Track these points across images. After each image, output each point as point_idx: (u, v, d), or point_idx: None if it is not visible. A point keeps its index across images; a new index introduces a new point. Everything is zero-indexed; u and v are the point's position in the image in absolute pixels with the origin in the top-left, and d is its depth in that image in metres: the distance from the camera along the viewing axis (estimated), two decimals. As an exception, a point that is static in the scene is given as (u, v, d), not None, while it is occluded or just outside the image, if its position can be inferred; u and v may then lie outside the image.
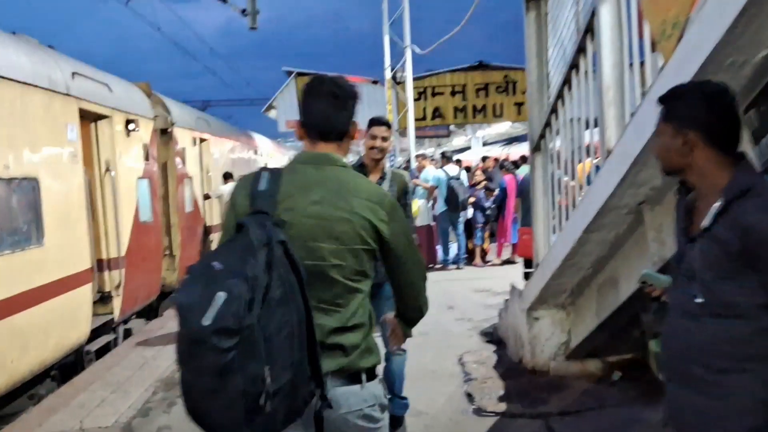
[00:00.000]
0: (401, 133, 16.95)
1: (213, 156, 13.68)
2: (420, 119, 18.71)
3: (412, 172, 12.55)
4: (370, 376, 2.21)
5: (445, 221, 11.89)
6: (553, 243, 5.34)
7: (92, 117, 7.89)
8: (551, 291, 5.26)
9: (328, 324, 2.11)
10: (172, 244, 10.95)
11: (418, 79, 17.85)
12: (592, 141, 4.83)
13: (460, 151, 34.11)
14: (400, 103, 15.97)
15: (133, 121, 8.75)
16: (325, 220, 2.13)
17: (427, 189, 11.60)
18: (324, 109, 2.25)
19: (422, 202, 11.31)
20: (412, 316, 2.48)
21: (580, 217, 4.37)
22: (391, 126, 4.64)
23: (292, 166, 2.28)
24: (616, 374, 5.39)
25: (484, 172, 13.54)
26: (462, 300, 8.96)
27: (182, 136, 11.42)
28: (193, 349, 1.86)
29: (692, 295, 2.05)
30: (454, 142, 36.84)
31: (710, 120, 2.05)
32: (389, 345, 4.07)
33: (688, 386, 2.09)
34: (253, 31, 16.02)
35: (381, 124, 4.37)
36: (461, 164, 14.75)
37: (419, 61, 15.16)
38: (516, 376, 5.61)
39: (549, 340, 5.52)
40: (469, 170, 15.12)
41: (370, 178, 4.28)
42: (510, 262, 11.71)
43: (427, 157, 13.48)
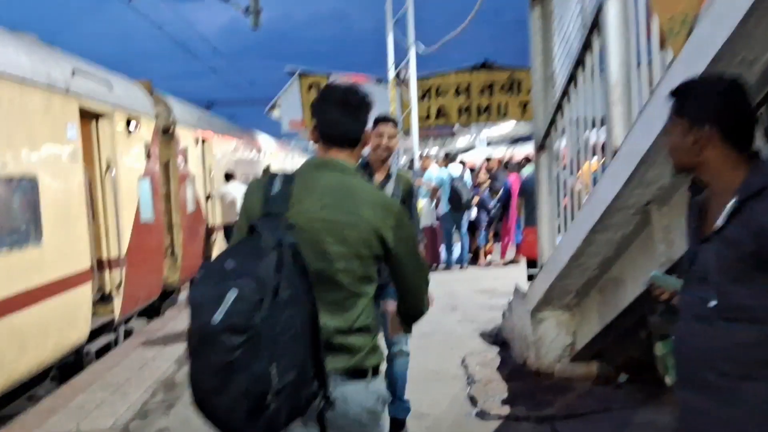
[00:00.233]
0: (405, 132, 16.88)
1: (216, 155, 13.61)
2: (424, 119, 18.61)
3: (415, 172, 12.47)
4: (375, 372, 2.28)
5: (449, 221, 11.80)
6: (558, 243, 5.25)
7: (92, 115, 7.82)
8: (556, 292, 5.18)
9: (333, 325, 2.15)
10: (174, 244, 10.89)
11: (423, 78, 17.74)
12: (599, 140, 4.73)
13: (465, 152, 34.03)
14: (403, 103, 15.87)
15: (134, 120, 8.69)
16: (334, 225, 2.18)
17: (430, 189, 11.52)
18: (339, 117, 2.31)
19: (425, 203, 11.23)
20: (412, 316, 2.52)
21: (586, 217, 4.29)
22: (398, 124, 4.50)
23: (305, 170, 2.33)
24: (623, 376, 5.30)
25: (488, 172, 13.46)
26: (465, 301, 8.87)
27: (184, 136, 11.35)
28: (202, 345, 1.92)
29: (705, 299, 1.96)
30: (459, 142, 36.74)
31: (725, 115, 1.96)
32: (388, 332, 4.03)
33: (701, 393, 2.00)
34: (255, 30, 15.99)
35: (387, 121, 4.23)
36: (465, 164, 14.66)
37: (423, 61, 15.04)
38: (520, 378, 5.52)
39: (554, 342, 5.44)
40: (473, 170, 15.04)
41: (375, 178, 4.20)
42: (514, 263, 11.62)
43: (431, 157, 13.37)
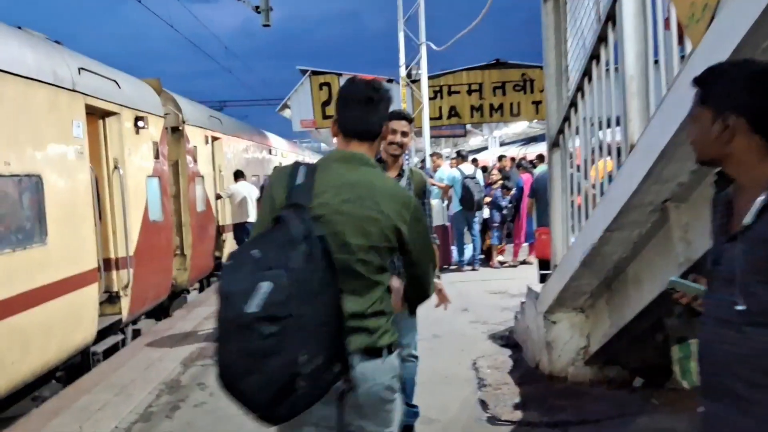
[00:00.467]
0: (416, 132, 16.74)
1: (226, 155, 13.54)
2: (436, 118, 18.48)
3: (426, 171, 12.33)
4: (389, 350, 2.38)
5: (460, 221, 11.64)
6: (572, 243, 5.10)
7: (100, 113, 7.75)
8: (570, 293, 5.03)
9: (351, 310, 2.22)
10: (183, 244, 10.81)
11: (434, 77, 17.62)
12: (614, 138, 4.57)
13: (477, 151, 33.88)
14: (415, 102, 15.74)
15: (142, 119, 8.60)
16: (355, 218, 2.27)
17: (441, 188, 11.37)
18: (360, 112, 2.40)
19: (437, 202, 11.08)
20: (418, 299, 2.67)
21: (601, 216, 4.14)
22: (412, 120, 4.38)
23: (327, 163, 2.41)
24: (638, 381, 5.15)
25: (501, 171, 13.29)
26: (477, 302, 8.72)
27: (194, 135, 11.28)
28: (236, 333, 2.02)
29: (731, 302, 1.81)
30: (471, 141, 36.61)
31: (754, 103, 1.81)
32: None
33: (726, 402, 1.85)
34: (266, 28, 15.91)
35: (401, 118, 4.14)
36: (477, 163, 14.50)
37: (435, 61, 14.91)
38: (532, 382, 5.37)
39: (567, 345, 5.29)
40: (486, 170, 14.87)
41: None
42: (527, 263, 11.44)
43: (442, 156, 13.21)
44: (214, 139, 12.72)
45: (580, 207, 5.15)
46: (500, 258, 12.10)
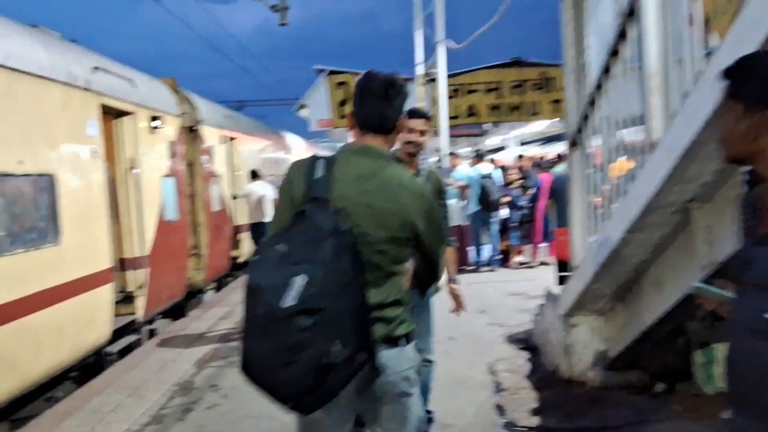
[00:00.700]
0: (433, 132, 16.60)
1: (242, 155, 13.51)
2: (454, 117, 18.31)
3: (444, 171, 12.21)
4: (408, 340, 2.43)
5: (478, 221, 11.50)
6: (591, 245, 4.97)
7: (115, 113, 7.73)
8: (589, 296, 4.90)
9: (371, 300, 2.27)
10: (199, 244, 10.79)
11: (452, 76, 17.44)
12: (635, 137, 4.44)
13: (496, 151, 33.66)
14: (432, 101, 15.60)
15: (158, 118, 8.59)
16: (374, 210, 2.30)
17: (459, 188, 11.25)
18: (376, 105, 2.43)
19: (454, 202, 10.96)
20: (428, 279, 2.75)
21: (622, 217, 4.01)
22: (430, 118, 4.26)
23: (345, 156, 2.43)
24: (660, 386, 4.99)
25: (520, 170, 13.14)
26: (494, 304, 8.59)
27: (210, 134, 11.26)
28: (271, 327, 2.07)
29: (762, 309, 1.69)
30: (489, 141, 36.38)
31: None
32: None
33: (756, 417, 1.73)
34: (285, 28, 15.88)
35: (419, 116, 4.03)
36: (495, 162, 14.35)
37: (453, 60, 14.72)
38: (551, 386, 5.24)
39: (586, 349, 5.15)
40: (504, 170, 14.72)
41: None
42: (546, 264, 11.28)
43: (459, 156, 13.08)
44: (231, 138, 12.69)
45: (597, 208, 5.02)
46: (519, 258, 11.96)
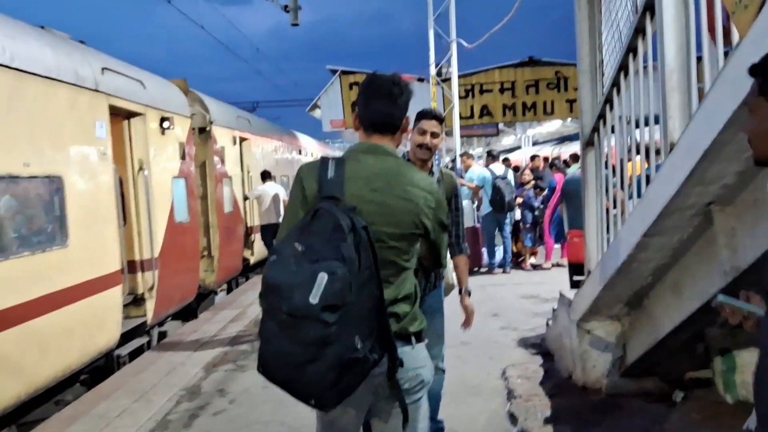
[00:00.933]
0: (446, 132, 16.47)
1: (254, 155, 13.45)
2: (467, 117, 18.21)
3: (457, 171, 12.08)
4: (418, 339, 2.47)
5: (491, 223, 11.34)
6: (607, 248, 4.83)
7: (124, 114, 7.68)
8: (605, 301, 4.75)
9: (386, 297, 2.29)
10: (211, 245, 10.74)
11: (465, 76, 17.35)
12: (652, 137, 4.29)
13: (510, 151, 33.47)
14: (445, 101, 15.49)
15: (168, 119, 8.52)
16: (385, 206, 2.35)
17: (471, 189, 11.11)
18: (381, 106, 2.46)
19: (467, 203, 10.82)
20: (431, 265, 2.79)
21: (639, 220, 3.87)
22: (443, 120, 4.01)
23: (354, 155, 2.46)
24: (678, 394, 4.84)
25: (534, 171, 12.97)
26: (507, 307, 8.45)
27: (221, 135, 11.20)
28: (297, 324, 2.10)
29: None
30: (504, 141, 36.21)
31: None
32: None
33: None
34: (299, 30, 15.87)
35: (432, 117, 3.83)
36: (508, 163, 14.19)
37: (466, 60, 14.64)
38: (565, 393, 5.10)
39: (602, 355, 5.01)
40: (518, 170, 14.56)
41: None
42: (560, 266, 11.11)
43: (472, 156, 12.93)
44: (242, 139, 12.63)
45: (609, 210, 4.88)
46: (533, 260, 11.80)
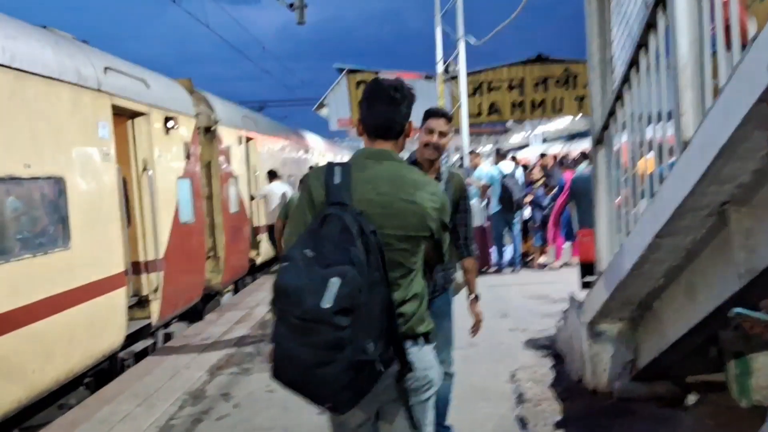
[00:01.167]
0: (455, 130, 16.35)
1: (260, 155, 13.37)
2: (476, 115, 18.07)
3: (465, 171, 11.96)
4: (426, 340, 2.50)
5: (500, 222, 11.23)
6: (618, 249, 4.71)
7: (128, 114, 7.60)
8: (616, 303, 4.64)
9: (395, 298, 2.36)
10: (217, 246, 10.66)
11: (474, 73, 17.21)
12: (665, 135, 4.17)
13: (519, 149, 33.31)
14: (453, 98, 15.38)
15: (172, 119, 8.45)
16: (392, 209, 2.40)
17: (480, 188, 10.99)
18: (383, 111, 2.52)
19: (475, 202, 10.71)
20: (434, 263, 2.75)
21: (651, 220, 3.75)
22: (451, 119, 3.91)
23: (359, 161, 2.52)
24: (691, 398, 4.72)
25: (543, 169, 12.83)
26: (516, 307, 8.34)
27: (227, 135, 11.13)
28: (311, 328, 2.13)
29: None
30: (512, 138, 36.05)
31: None
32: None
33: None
34: (308, 29, 15.80)
35: (439, 116, 3.75)
36: (517, 161, 14.06)
37: (474, 58, 14.52)
38: (575, 397, 5.00)
39: (613, 358, 4.89)
40: (527, 168, 14.42)
41: None
42: (570, 265, 10.97)
43: (480, 154, 12.80)
44: (248, 139, 12.56)
45: (621, 208, 4.76)
46: (542, 260, 11.67)
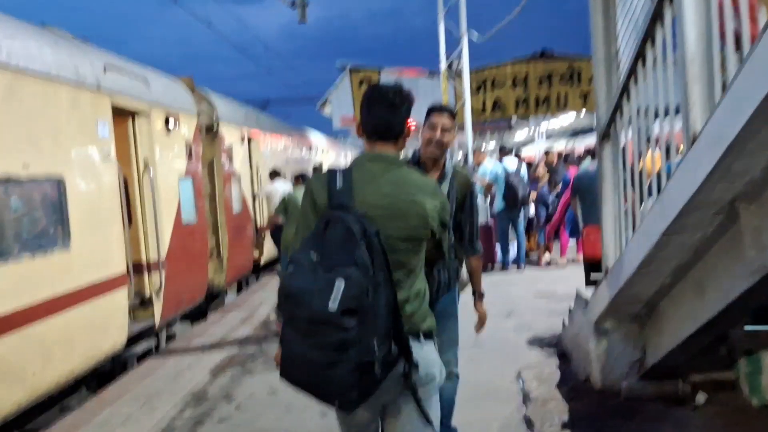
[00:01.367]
0: (458, 127, 16.21)
1: (263, 154, 13.30)
2: (479, 112, 17.95)
3: (469, 168, 11.87)
4: (427, 337, 2.56)
5: (504, 219, 11.13)
6: (625, 246, 4.62)
7: (128, 113, 7.53)
8: (623, 301, 4.55)
9: (399, 297, 2.39)
10: (220, 245, 10.59)
11: (477, 70, 17.08)
12: (673, 130, 4.08)
13: (523, 145, 33.18)
14: (457, 95, 15.26)
15: (173, 118, 8.38)
16: (394, 210, 2.45)
17: (484, 185, 10.90)
18: (382, 115, 2.58)
19: (479, 199, 10.62)
20: (436, 260, 2.84)
21: (659, 217, 3.66)
22: (455, 114, 3.81)
23: (360, 164, 2.58)
24: (701, 397, 4.65)
25: (548, 166, 12.75)
26: (521, 305, 8.25)
27: (229, 133, 11.06)
28: (318, 330, 2.20)
29: None
30: (517, 135, 35.92)
31: None
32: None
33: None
34: (310, 27, 15.73)
35: (442, 111, 3.65)
36: (521, 158, 13.96)
37: (478, 54, 14.39)
38: (582, 397, 4.91)
39: (620, 357, 4.81)
40: (531, 165, 14.32)
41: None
42: (576, 262, 10.88)
43: (485, 152, 12.70)
44: (251, 137, 12.48)
45: (631, 205, 4.67)
46: (547, 257, 11.58)
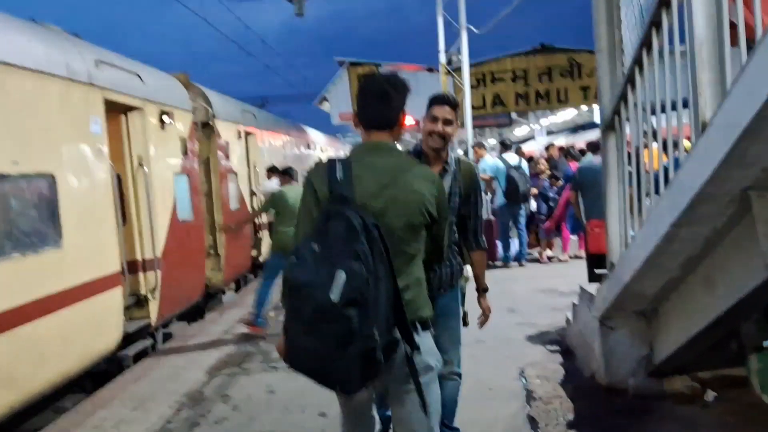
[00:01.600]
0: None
1: (260, 150, 13.16)
2: (479, 107, 17.82)
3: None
4: (424, 326, 2.61)
5: (505, 215, 11.00)
6: (631, 239, 4.49)
7: (121, 109, 7.39)
8: (629, 296, 4.43)
9: (399, 286, 2.43)
10: (217, 243, 10.46)
11: (477, 65, 16.95)
12: (681, 124, 3.95)
13: (524, 141, 33.07)
14: (456, 90, 15.13)
15: (168, 113, 8.24)
16: (394, 201, 2.49)
17: (484, 180, 10.77)
18: (377, 105, 2.63)
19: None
20: (436, 259, 2.85)
21: (667, 209, 3.53)
22: (457, 105, 3.73)
23: (358, 155, 2.62)
24: (710, 395, 4.52)
25: (548, 160, 12.61)
26: (524, 302, 8.12)
27: (226, 130, 10.91)
28: (322, 321, 2.27)
29: None
30: (517, 131, 35.82)
31: None
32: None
33: None
34: (310, 24, 15.63)
35: (444, 102, 3.57)
36: (522, 152, 13.82)
37: (477, 49, 14.24)
38: (588, 395, 4.79)
39: (627, 354, 4.69)
40: (532, 160, 14.19)
41: None
42: (578, 258, 10.75)
43: (484, 146, 12.55)
44: (248, 134, 12.34)
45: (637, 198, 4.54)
46: (549, 253, 11.45)
